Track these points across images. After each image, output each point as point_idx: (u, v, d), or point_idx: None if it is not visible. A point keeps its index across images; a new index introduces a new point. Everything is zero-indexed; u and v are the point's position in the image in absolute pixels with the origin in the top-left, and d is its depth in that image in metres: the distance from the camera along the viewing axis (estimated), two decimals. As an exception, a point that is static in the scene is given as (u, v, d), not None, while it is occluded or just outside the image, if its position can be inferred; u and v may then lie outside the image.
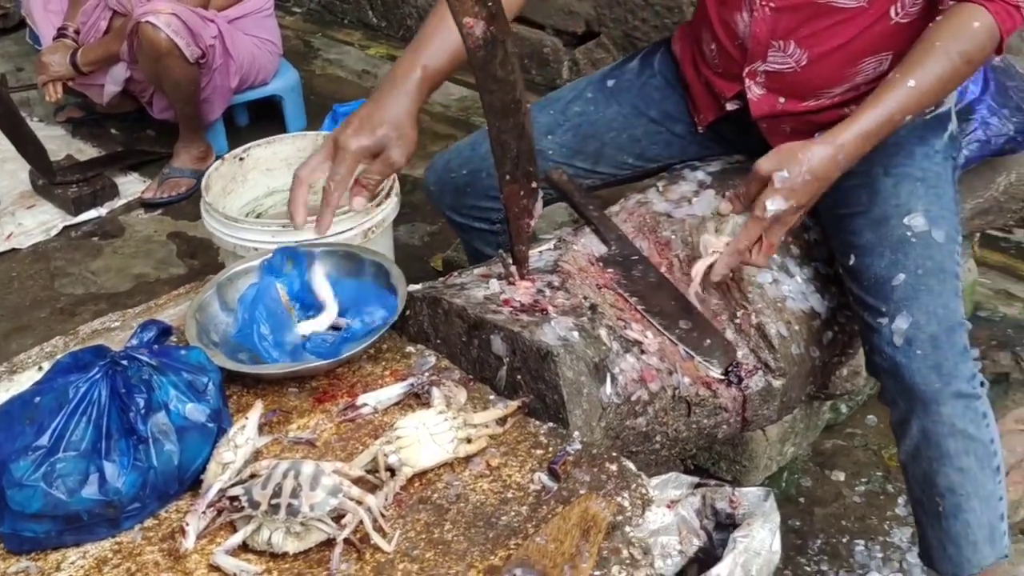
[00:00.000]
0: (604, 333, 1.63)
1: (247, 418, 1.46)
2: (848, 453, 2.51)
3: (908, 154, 1.85)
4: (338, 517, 1.33)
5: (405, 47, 1.82)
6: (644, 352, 1.67)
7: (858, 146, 1.65)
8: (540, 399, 1.55)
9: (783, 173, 1.62)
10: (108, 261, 3.32)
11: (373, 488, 1.38)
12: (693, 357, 1.73)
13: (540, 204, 1.69)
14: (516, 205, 1.66)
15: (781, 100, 1.91)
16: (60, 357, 1.46)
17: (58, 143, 3.83)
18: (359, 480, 1.39)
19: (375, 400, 1.55)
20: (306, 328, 1.67)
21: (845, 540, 2.28)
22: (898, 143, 1.79)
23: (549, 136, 2.06)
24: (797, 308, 1.86)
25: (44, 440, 1.33)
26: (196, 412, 1.41)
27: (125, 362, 1.40)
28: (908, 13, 1.79)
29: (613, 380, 1.60)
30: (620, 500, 1.38)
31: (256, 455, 1.45)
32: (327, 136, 1.76)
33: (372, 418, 1.54)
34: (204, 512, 1.35)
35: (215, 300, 1.69)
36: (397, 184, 2.38)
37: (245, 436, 1.44)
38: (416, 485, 1.42)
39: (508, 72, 1.53)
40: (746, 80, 1.91)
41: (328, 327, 1.69)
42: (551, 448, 1.48)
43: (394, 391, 1.57)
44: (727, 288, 1.81)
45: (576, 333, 1.59)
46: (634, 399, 1.63)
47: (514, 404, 1.54)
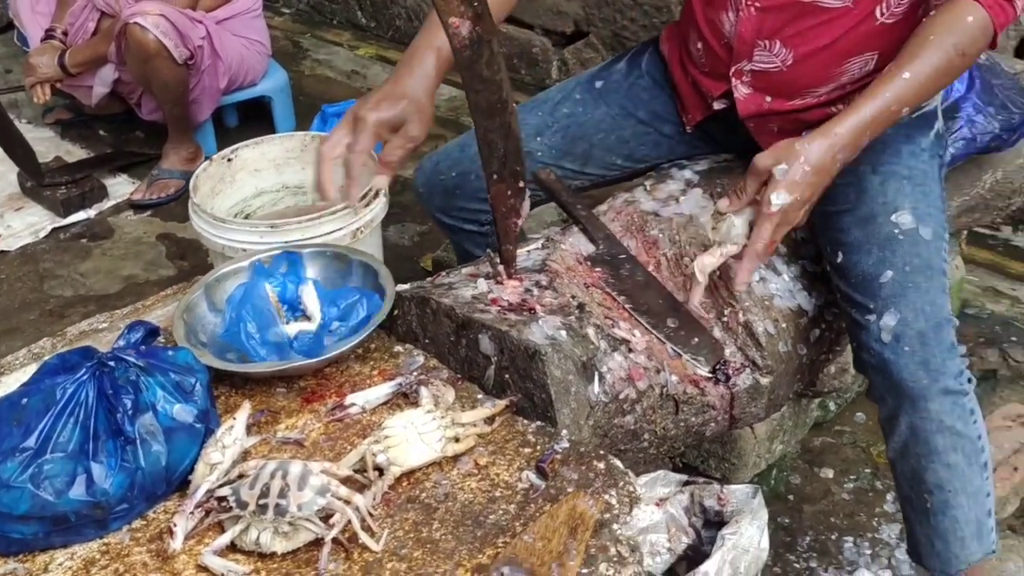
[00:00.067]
0: (592, 332, 1.63)
1: (235, 418, 1.47)
2: (837, 450, 2.52)
3: (895, 152, 1.85)
4: (326, 517, 1.33)
5: (394, 47, 1.82)
6: (632, 350, 1.67)
7: (855, 138, 1.66)
8: (528, 398, 1.55)
9: (782, 167, 1.63)
10: (97, 263, 3.31)
11: (361, 488, 1.38)
12: (681, 355, 1.74)
13: (527, 204, 1.70)
14: (503, 205, 1.66)
15: (768, 99, 1.91)
16: (47, 358, 1.46)
17: (46, 145, 3.82)
18: (347, 480, 1.39)
19: (363, 400, 1.56)
20: (293, 329, 1.67)
21: (834, 537, 2.29)
22: (885, 141, 1.80)
23: (538, 138, 2.06)
24: (784, 306, 1.86)
25: (31, 441, 1.33)
26: (184, 413, 1.41)
27: (112, 363, 1.40)
28: (894, 13, 1.79)
29: (601, 378, 1.61)
30: (608, 498, 1.39)
31: (244, 455, 1.45)
32: (348, 111, 1.77)
33: (360, 418, 1.54)
34: (192, 513, 1.35)
35: (203, 301, 1.69)
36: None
37: (233, 436, 1.44)
38: (404, 484, 1.42)
39: (494, 72, 1.53)
40: (733, 79, 1.91)
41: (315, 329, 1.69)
42: (539, 446, 1.48)
43: (382, 391, 1.57)
44: (715, 287, 1.82)
45: (564, 332, 1.59)
46: (622, 397, 1.63)
47: (502, 403, 1.54)
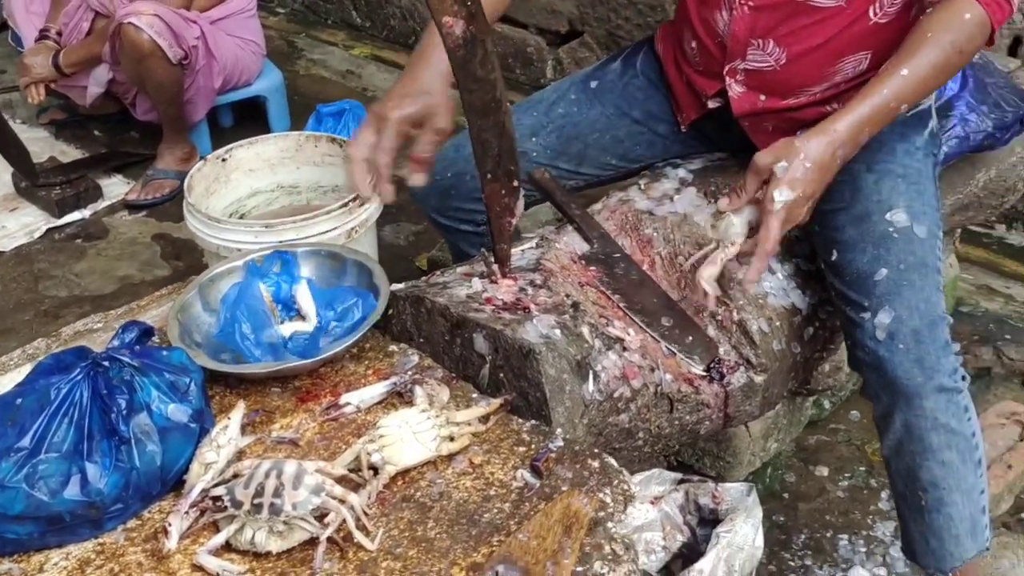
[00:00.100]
0: (586, 330, 1.64)
1: (229, 418, 1.47)
2: (831, 448, 2.52)
3: (890, 151, 1.86)
4: (321, 516, 1.33)
5: (388, 47, 1.82)
6: (626, 349, 1.68)
7: (854, 134, 1.66)
8: (522, 397, 1.55)
9: (783, 164, 1.64)
10: (92, 263, 3.30)
11: (356, 487, 1.39)
12: (675, 354, 1.74)
13: (521, 203, 1.70)
14: (497, 204, 1.66)
15: (762, 98, 1.91)
16: (42, 359, 1.46)
17: (41, 145, 3.81)
18: (342, 479, 1.39)
19: (358, 399, 1.56)
20: (288, 329, 1.67)
21: (829, 535, 2.29)
22: (880, 140, 1.80)
23: (533, 138, 2.06)
24: (778, 304, 1.87)
25: (26, 441, 1.33)
26: (178, 412, 1.41)
27: (107, 363, 1.40)
28: (887, 13, 1.79)
29: (595, 377, 1.61)
30: (602, 496, 1.39)
31: (239, 455, 1.45)
32: (369, 111, 1.77)
33: (355, 417, 1.54)
34: (187, 512, 1.35)
35: (197, 301, 1.69)
36: (380, 184, 2.37)
37: (228, 436, 1.44)
38: (399, 483, 1.42)
39: (488, 71, 1.53)
40: (727, 78, 1.92)
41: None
42: (533, 445, 1.48)
43: (377, 390, 1.57)
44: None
45: (558, 331, 1.59)
46: (616, 396, 1.63)
47: (496, 402, 1.54)
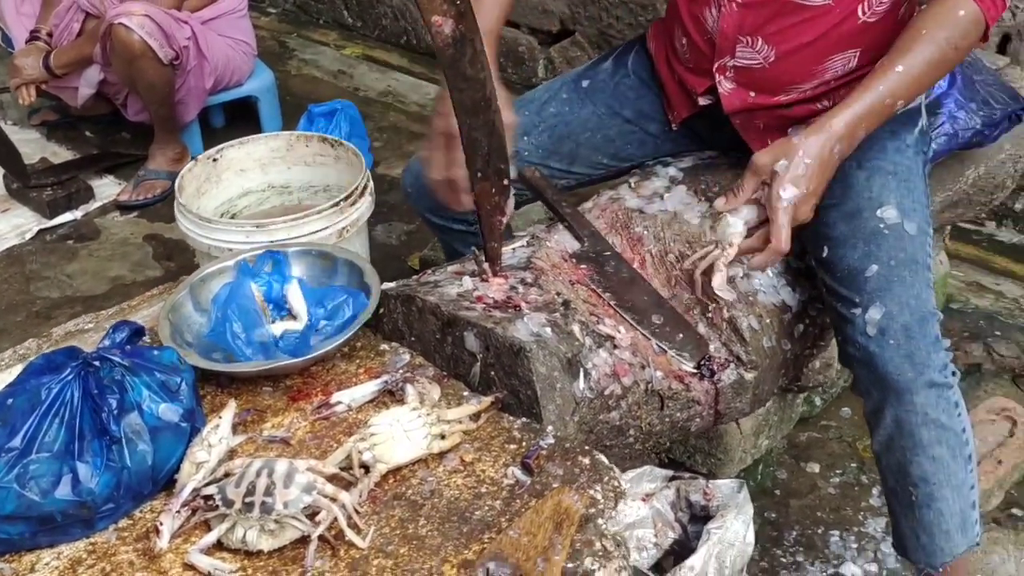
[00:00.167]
0: (577, 328, 1.64)
1: (221, 417, 1.47)
2: (823, 445, 2.53)
3: (880, 148, 1.87)
4: (312, 514, 1.34)
5: (380, 47, 1.81)
6: (617, 347, 1.68)
7: (851, 130, 1.67)
8: (513, 394, 1.56)
9: (783, 163, 1.64)
10: (84, 264, 3.30)
11: (347, 485, 1.39)
12: (666, 351, 1.74)
13: (512, 201, 1.70)
14: (488, 202, 1.67)
15: (752, 94, 1.92)
16: (33, 359, 1.46)
17: (32, 146, 3.81)
18: (333, 477, 1.39)
19: (349, 398, 1.56)
20: (279, 328, 1.67)
21: (820, 531, 2.30)
22: (870, 137, 1.80)
23: (525, 137, 2.06)
24: (768, 302, 1.87)
25: (16, 442, 1.33)
26: (169, 412, 1.41)
27: (98, 363, 1.40)
28: (875, 12, 1.80)
29: (586, 375, 1.61)
30: (593, 493, 1.39)
31: (230, 454, 1.46)
32: (431, 129, 1.73)
33: (346, 416, 1.55)
34: (178, 511, 1.35)
35: (188, 301, 1.69)
36: (371, 183, 2.38)
37: (219, 435, 1.44)
38: (390, 481, 1.43)
39: (478, 70, 1.54)
40: (716, 75, 1.92)
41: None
42: (524, 443, 1.49)
43: (368, 389, 1.57)
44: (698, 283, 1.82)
45: (549, 329, 1.60)
46: (607, 393, 1.64)
47: (488, 400, 1.55)
